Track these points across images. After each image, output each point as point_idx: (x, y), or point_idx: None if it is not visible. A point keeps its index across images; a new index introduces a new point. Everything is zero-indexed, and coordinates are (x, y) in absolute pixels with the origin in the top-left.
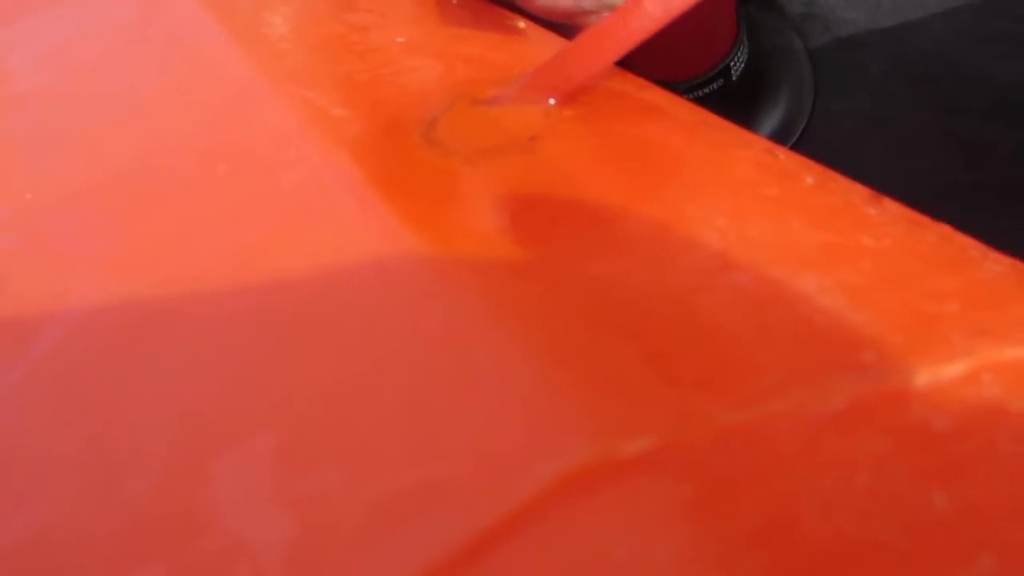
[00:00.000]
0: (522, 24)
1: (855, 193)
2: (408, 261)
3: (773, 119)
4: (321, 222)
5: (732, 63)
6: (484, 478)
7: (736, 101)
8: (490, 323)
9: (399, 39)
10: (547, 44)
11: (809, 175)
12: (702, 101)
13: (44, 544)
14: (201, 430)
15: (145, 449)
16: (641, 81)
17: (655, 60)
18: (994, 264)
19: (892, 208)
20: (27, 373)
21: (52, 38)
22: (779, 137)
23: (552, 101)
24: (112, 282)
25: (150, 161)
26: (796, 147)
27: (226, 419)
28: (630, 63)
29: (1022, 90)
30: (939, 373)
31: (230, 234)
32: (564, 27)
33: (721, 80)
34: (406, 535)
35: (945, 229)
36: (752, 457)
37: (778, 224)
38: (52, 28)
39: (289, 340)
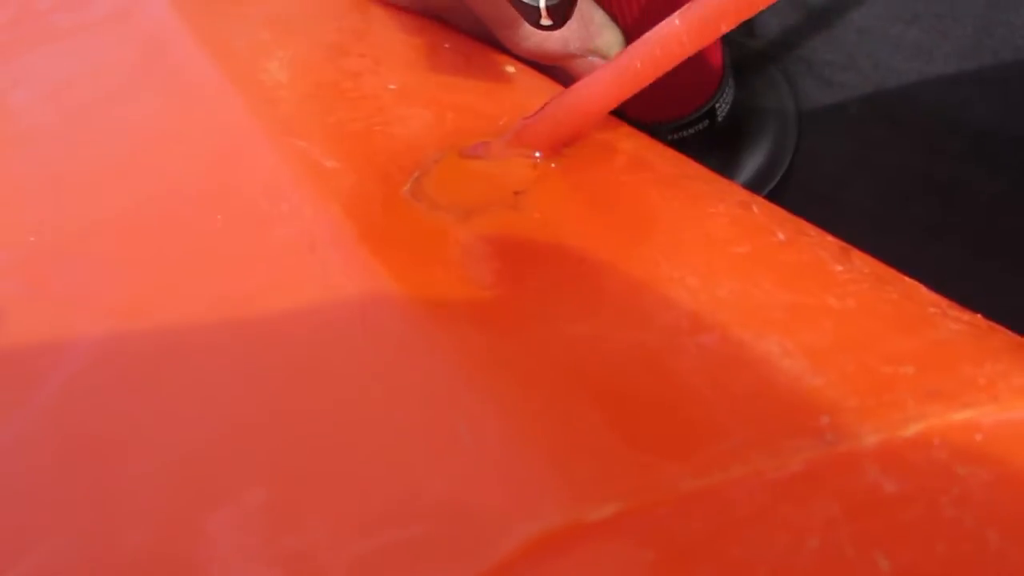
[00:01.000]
0: (512, 68)
1: (824, 249)
2: (393, 318)
3: (757, 159)
4: (312, 277)
5: (718, 104)
6: (460, 538)
7: (721, 142)
8: (468, 384)
9: (391, 86)
10: (537, 90)
11: (781, 230)
12: (687, 142)
13: None
14: (195, 483)
15: (143, 501)
16: (626, 129)
17: (640, 101)
18: (953, 323)
19: (860, 263)
20: (27, 422)
21: (53, 76)
22: (762, 177)
23: (538, 154)
24: (111, 328)
25: (150, 207)
26: (780, 186)
27: (219, 473)
28: None
29: (996, 132)
30: (891, 437)
31: (225, 286)
32: (552, 69)
33: (707, 121)
34: None
35: (910, 285)
36: (711, 521)
37: (747, 284)
38: (52, 65)
39: (279, 393)
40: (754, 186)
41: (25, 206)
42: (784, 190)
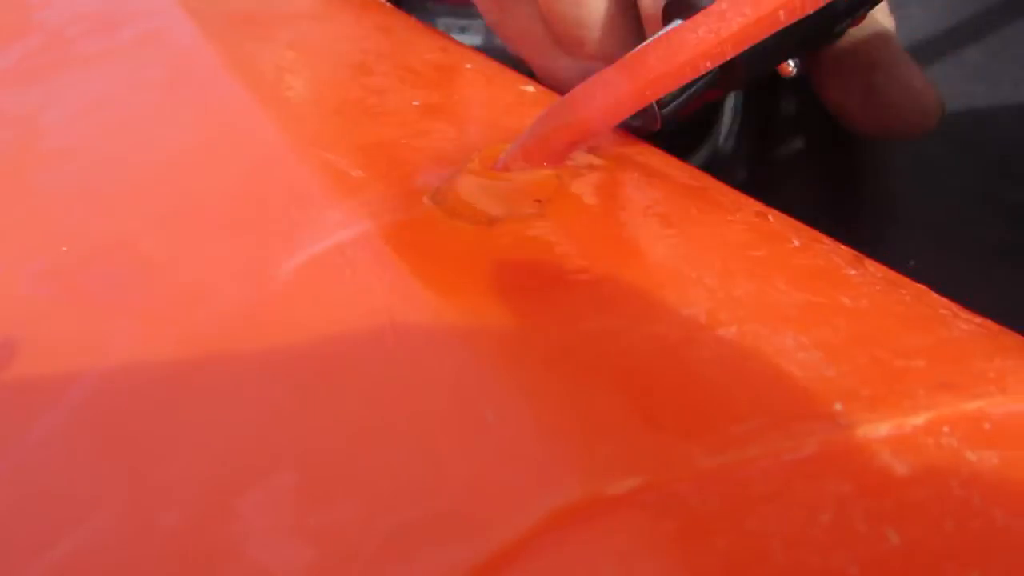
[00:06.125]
0: (532, 88)
1: (838, 255)
2: (421, 318)
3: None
4: (342, 281)
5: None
6: (486, 512)
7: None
8: (494, 373)
9: (415, 102)
10: None
11: (796, 237)
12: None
13: (82, 573)
14: (228, 470)
15: (176, 487)
16: (643, 146)
17: None
18: (964, 323)
19: (873, 269)
20: (65, 415)
21: (82, 98)
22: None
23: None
24: (143, 333)
25: (180, 218)
26: (850, 207)
27: (251, 460)
28: None
29: None
30: (902, 424)
31: (256, 291)
32: None
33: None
34: (416, 563)
35: (921, 289)
36: (727, 497)
37: (763, 284)
38: (81, 88)
39: (310, 388)
40: None
41: (57, 218)
42: (847, 210)
